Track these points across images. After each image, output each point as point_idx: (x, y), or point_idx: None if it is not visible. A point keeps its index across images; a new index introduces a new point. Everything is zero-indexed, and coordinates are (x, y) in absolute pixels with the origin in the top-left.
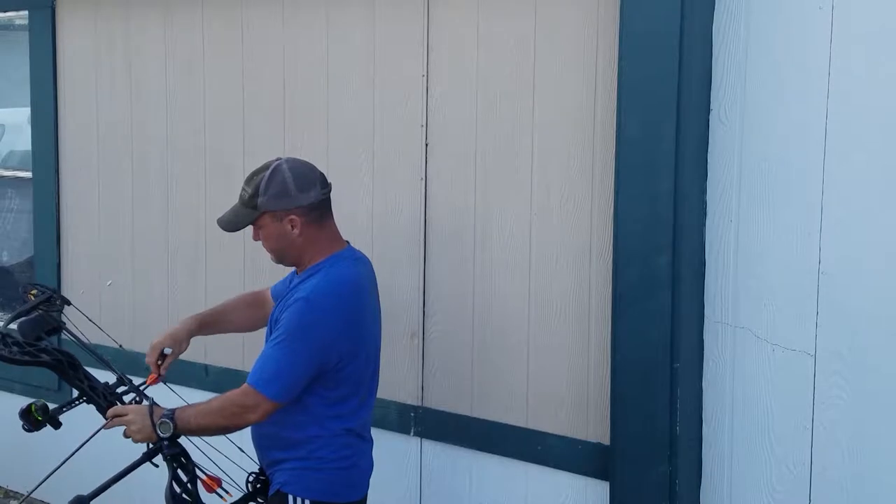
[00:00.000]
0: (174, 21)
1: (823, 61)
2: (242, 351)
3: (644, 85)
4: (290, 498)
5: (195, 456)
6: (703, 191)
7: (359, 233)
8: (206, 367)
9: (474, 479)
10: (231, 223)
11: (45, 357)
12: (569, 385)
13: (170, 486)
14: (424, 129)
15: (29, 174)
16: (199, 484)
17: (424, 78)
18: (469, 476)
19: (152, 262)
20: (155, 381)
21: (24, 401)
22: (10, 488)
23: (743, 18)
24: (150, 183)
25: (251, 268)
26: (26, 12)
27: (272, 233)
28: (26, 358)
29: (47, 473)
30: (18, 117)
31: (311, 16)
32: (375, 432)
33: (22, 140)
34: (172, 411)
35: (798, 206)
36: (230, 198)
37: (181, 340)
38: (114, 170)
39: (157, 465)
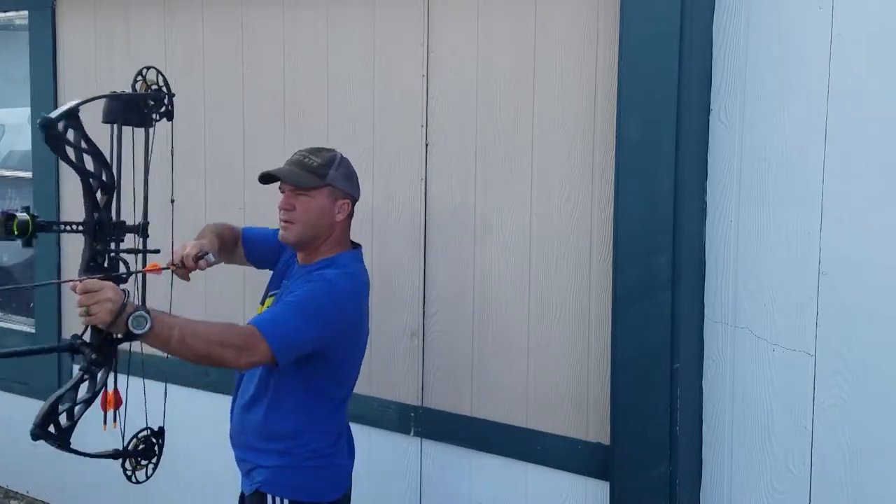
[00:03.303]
0: (174, 21)
1: (823, 61)
2: None
3: (644, 85)
4: (269, 497)
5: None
6: (703, 191)
7: (359, 232)
8: (206, 368)
9: (474, 479)
10: (291, 177)
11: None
12: (569, 385)
13: (62, 399)
14: (424, 129)
15: (29, 174)
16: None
17: (424, 78)
18: (469, 476)
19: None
20: (158, 270)
21: (23, 400)
22: (9, 488)
23: (743, 18)
24: (149, 182)
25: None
26: (26, 12)
27: (318, 206)
28: None
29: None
30: (18, 117)
31: (311, 16)
32: (376, 432)
33: (22, 140)
34: (149, 311)
35: (798, 207)
36: (230, 197)
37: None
38: None
39: (75, 354)
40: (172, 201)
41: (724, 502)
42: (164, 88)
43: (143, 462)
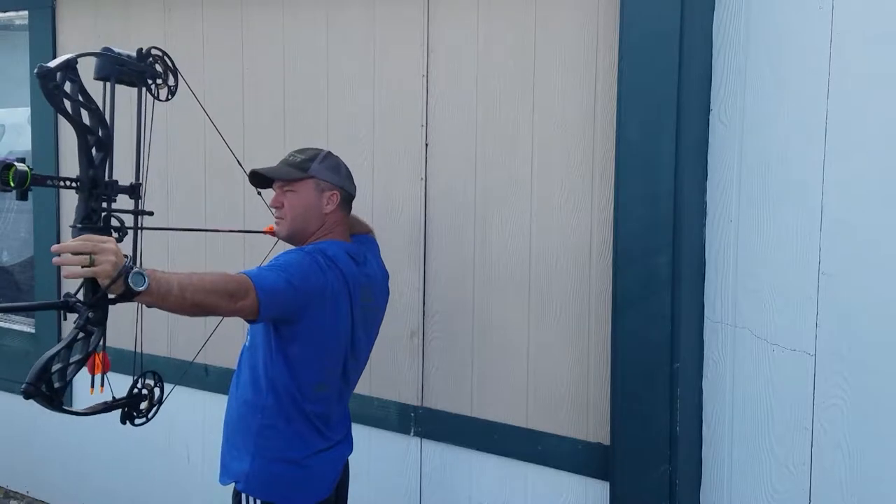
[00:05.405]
0: (174, 21)
1: (823, 61)
2: None
3: (644, 85)
4: (244, 497)
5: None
6: (703, 191)
7: None
8: (206, 367)
9: (474, 479)
10: (274, 172)
11: None
12: (569, 385)
13: (58, 356)
14: (424, 129)
15: None
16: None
17: (424, 78)
18: (469, 476)
19: (152, 263)
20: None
21: (23, 400)
22: (10, 488)
23: (743, 18)
24: (149, 183)
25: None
26: (26, 12)
27: (305, 200)
28: None
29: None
30: (18, 117)
31: (311, 15)
32: (376, 432)
33: (22, 140)
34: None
35: (798, 207)
36: (230, 198)
37: None
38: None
39: (69, 311)
40: (259, 193)
41: (724, 502)
42: (166, 71)
43: (141, 411)
